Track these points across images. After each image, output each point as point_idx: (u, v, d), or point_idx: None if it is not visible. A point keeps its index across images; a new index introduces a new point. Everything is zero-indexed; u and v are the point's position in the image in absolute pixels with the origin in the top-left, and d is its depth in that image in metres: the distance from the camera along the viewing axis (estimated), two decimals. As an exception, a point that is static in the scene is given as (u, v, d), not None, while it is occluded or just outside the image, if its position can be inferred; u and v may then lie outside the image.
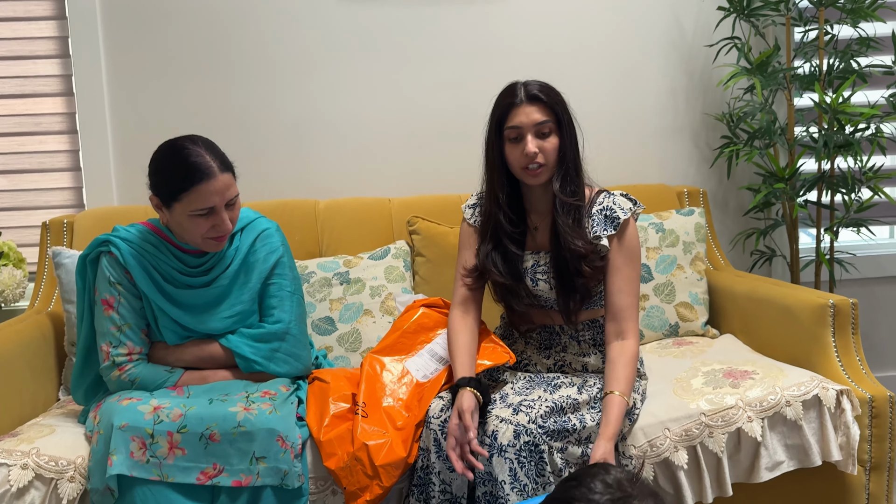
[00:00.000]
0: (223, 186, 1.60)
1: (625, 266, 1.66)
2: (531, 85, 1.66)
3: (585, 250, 1.63)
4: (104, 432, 1.50)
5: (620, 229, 1.67)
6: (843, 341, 1.89)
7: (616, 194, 1.72)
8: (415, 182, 2.53)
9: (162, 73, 2.42)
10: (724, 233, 2.71)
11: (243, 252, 1.76)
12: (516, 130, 1.64)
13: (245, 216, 1.82)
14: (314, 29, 2.47)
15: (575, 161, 1.68)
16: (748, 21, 2.46)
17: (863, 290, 2.82)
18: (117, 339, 1.65)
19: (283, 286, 1.78)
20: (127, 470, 1.46)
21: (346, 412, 1.67)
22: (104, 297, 1.67)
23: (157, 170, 1.64)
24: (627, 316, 1.64)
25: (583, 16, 2.57)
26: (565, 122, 1.66)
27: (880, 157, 2.64)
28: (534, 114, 1.63)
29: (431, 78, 2.53)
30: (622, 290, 1.65)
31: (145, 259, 1.68)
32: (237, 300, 1.74)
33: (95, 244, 1.69)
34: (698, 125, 2.66)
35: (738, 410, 1.68)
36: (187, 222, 1.62)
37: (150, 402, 1.56)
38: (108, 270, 1.66)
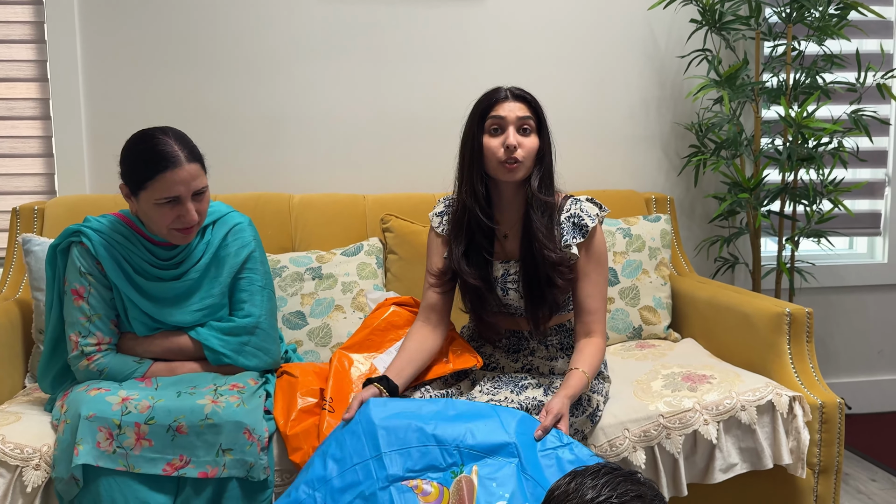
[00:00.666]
0: (188, 176, 1.61)
1: (593, 272, 1.70)
2: (515, 87, 1.69)
3: (557, 258, 1.65)
4: (71, 421, 1.51)
5: (589, 236, 1.70)
6: (798, 349, 1.96)
7: (582, 200, 1.74)
8: (389, 180, 2.56)
9: (138, 64, 2.42)
10: (689, 239, 2.78)
11: (214, 246, 1.77)
12: (499, 121, 1.65)
13: (217, 210, 1.82)
14: (291, 25, 2.47)
15: (550, 166, 1.71)
16: (719, 34, 2.53)
17: (821, 298, 2.91)
18: (87, 329, 1.66)
19: (253, 280, 1.80)
20: (93, 460, 1.47)
21: (313, 406, 1.70)
22: (74, 287, 1.67)
23: (126, 158, 1.66)
24: (596, 319, 1.69)
25: (558, 22, 2.62)
26: (545, 125, 1.69)
27: (841, 171, 2.72)
28: (518, 110, 1.65)
29: (407, 78, 2.55)
30: (591, 296, 1.69)
31: (116, 250, 1.68)
32: (207, 294, 1.75)
33: (66, 234, 1.69)
34: (668, 134, 2.73)
35: (695, 413, 1.74)
36: (153, 211, 1.63)
37: (118, 392, 1.57)
38: (78, 261, 1.67)
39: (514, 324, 1.78)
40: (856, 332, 2.98)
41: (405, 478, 1.25)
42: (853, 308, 2.96)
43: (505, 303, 1.73)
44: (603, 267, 1.72)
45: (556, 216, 1.70)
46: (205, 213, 1.70)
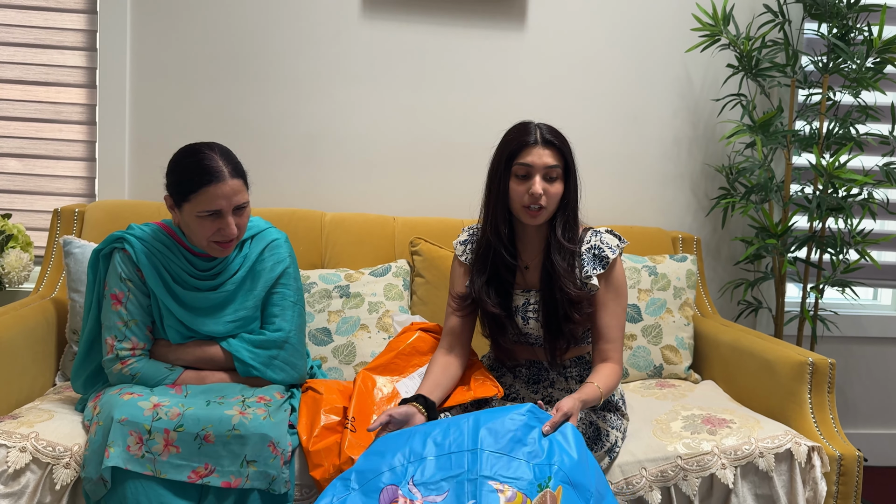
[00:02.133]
0: (231, 191, 1.66)
1: (612, 302, 1.73)
2: (545, 129, 1.70)
3: (577, 295, 1.68)
4: (104, 423, 1.55)
5: (609, 267, 1.74)
6: (819, 399, 1.96)
7: (602, 231, 1.78)
8: (419, 203, 2.60)
9: (184, 77, 2.48)
10: (714, 280, 2.79)
11: (251, 260, 1.82)
12: (526, 168, 1.67)
13: (256, 225, 1.88)
14: (335, 46, 2.54)
15: (574, 210, 1.74)
16: (755, 80, 2.55)
17: (842, 347, 2.91)
18: (122, 334, 1.71)
19: (286, 296, 1.84)
20: (123, 463, 1.50)
21: (335, 424, 1.72)
22: (114, 292, 1.72)
23: (172, 170, 1.71)
24: (613, 348, 1.72)
25: (597, 58, 2.66)
26: (572, 170, 1.71)
27: (869, 222, 2.73)
28: (546, 157, 1.67)
29: (444, 103, 2.60)
30: (609, 326, 1.72)
31: (157, 258, 1.74)
32: (241, 306, 1.80)
33: (110, 240, 1.75)
34: (698, 174, 2.75)
35: (713, 457, 1.75)
36: (194, 223, 1.68)
37: (150, 398, 1.61)
38: (120, 266, 1.72)
39: (532, 353, 1.80)
40: (875, 383, 2.96)
41: (493, 479, 1.30)
42: (874, 359, 2.95)
43: (524, 332, 1.76)
44: (622, 297, 1.75)
45: (577, 252, 1.73)
46: (244, 228, 1.75)
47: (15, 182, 2.51)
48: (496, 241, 1.72)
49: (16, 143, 2.49)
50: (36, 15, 2.46)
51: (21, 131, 2.49)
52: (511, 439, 1.40)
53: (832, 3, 2.44)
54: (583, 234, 1.76)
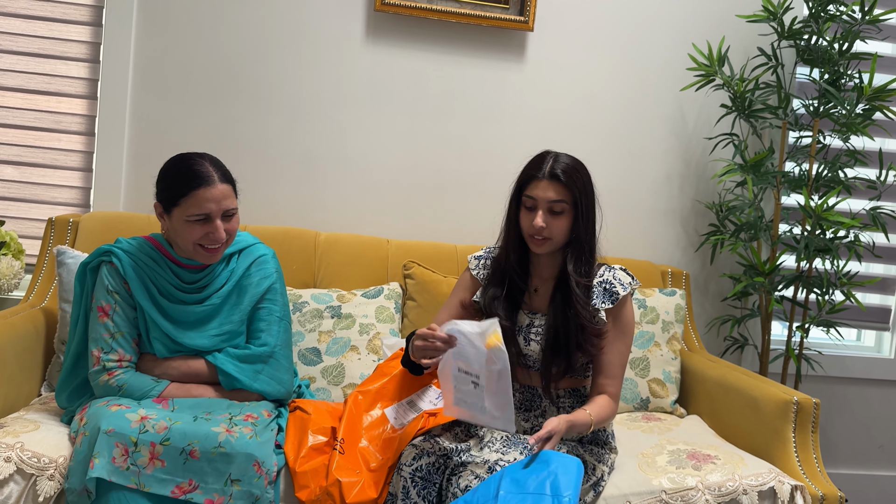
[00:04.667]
0: (220, 195, 1.70)
1: (617, 339, 1.75)
2: (559, 162, 1.72)
3: (587, 320, 1.70)
4: (90, 434, 1.54)
5: (618, 304, 1.76)
6: (803, 438, 1.98)
7: (616, 269, 1.81)
8: (414, 227, 2.62)
9: (185, 93, 2.50)
10: (701, 315, 2.82)
11: (238, 275, 1.83)
12: (532, 201, 1.71)
13: (243, 240, 1.89)
14: (336, 69, 2.57)
15: (590, 242, 1.76)
16: (747, 121, 2.60)
17: (826, 387, 2.93)
18: (109, 346, 1.71)
19: (272, 311, 1.85)
20: (107, 475, 1.50)
21: (323, 445, 1.72)
22: (101, 305, 1.73)
23: (163, 177, 1.75)
24: (612, 384, 1.74)
25: (593, 94, 2.70)
26: (582, 205, 1.72)
27: (855, 264, 2.77)
28: (549, 191, 1.69)
29: (442, 130, 2.63)
30: (611, 363, 1.74)
31: (143, 271, 1.75)
32: (227, 320, 1.81)
33: (98, 253, 1.77)
34: (689, 211, 2.79)
35: (697, 492, 1.76)
36: (183, 228, 1.70)
37: (137, 411, 1.60)
38: (107, 279, 1.73)
39: (527, 378, 1.80)
40: (858, 424, 2.99)
41: None
42: (857, 400, 2.98)
43: (524, 352, 1.77)
44: (628, 337, 1.77)
45: (590, 286, 1.76)
46: (233, 235, 1.77)
47: (10, 189, 2.51)
48: (508, 265, 1.78)
49: (13, 150, 2.50)
50: (41, 25, 2.48)
51: (20, 139, 2.49)
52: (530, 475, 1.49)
53: (825, 49, 2.50)
54: (597, 269, 1.79)
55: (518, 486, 1.46)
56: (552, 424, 1.56)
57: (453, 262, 2.44)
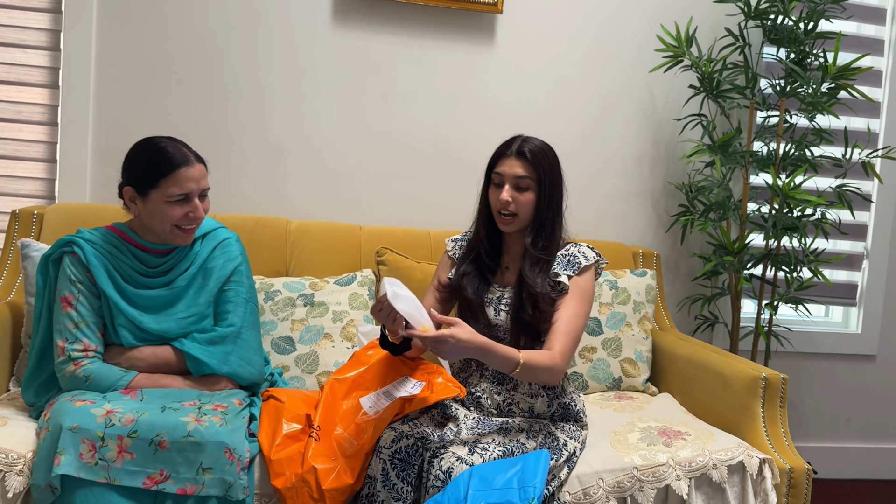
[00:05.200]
0: (199, 174, 1.74)
1: (571, 300, 1.79)
2: (527, 143, 1.81)
3: (541, 290, 1.77)
4: (52, 429, 1.53)
5: (579, 272, 1.82)
6: (771, 413, 2.02)
7: (583, 245, 1.89)
8: (386, 213, 2.61)
9: (150, 80, 2.46)
10: (672, 295, 2.85)
11: (202, 258, 1.85)
12: (500, 177, 1.82)
13: (207, 225, 1.90)
14: (306, 54, 2.54)
15: (553, 219, 1.83)
16: (715, 101, 2.62)
17: (794, 363, 2.99)
18: (73, 336, 1.70)
19: (238, 293, 1.87)
20: (74, 471, 1.48)
21: (298, 433, 1.72)
22: (63, 295, 1.72)
23: (135, 161, 1.74)
24: (558, 340, 1.74)
25: (564, 77, 2.71)
26: (547, 183, 1.80)
27: (823, 242, 2.82)
28: (516, 167, 1.79)
29: (413, 116, 2.62)
30: (561, 319, 1.77)
31: (107, 259, 1.75)
32: (193, 302, 1.81)
33: (59, 244, 1.76)
34: (659, 192, 2.81)
35: (668, 468, 1.79)
36: (162, 209, 1.71)
37: (103, 405, 1.59)
38: (69, 269, 1.72)
39: None
40: (826, 398, 3.05)
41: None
42: (825, 375, 3.04)
43: (494, 323, 1.83)
44: (583, 301, 1.80)
45: (552, 263, 1.82)
46: (205, 215, 1.79)
47: (-28, 182, 2.46)
48: (478, 243, 1.90)
49: (-26, 142, 2.45)
50: (-1, 13, 2.42)
51: (-20, 130, 2.44)
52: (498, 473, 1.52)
53: (790, 29, 2.52)
54: (563, 245, 1.87)
55: (486, 484, 1.50)
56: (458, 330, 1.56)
57: (427, 248, 2.44)
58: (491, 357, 1.63)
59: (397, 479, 1.60)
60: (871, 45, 2.92)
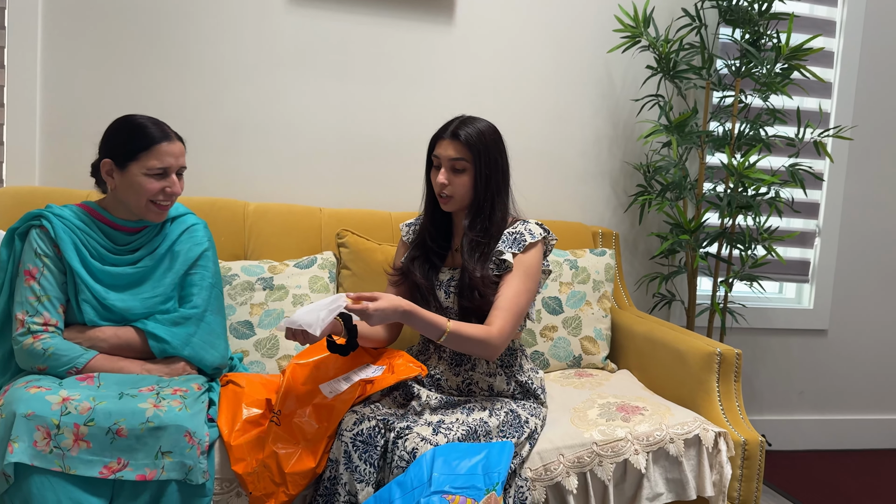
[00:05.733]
0: (178, 151, 1.77)
1: (515, 277, 1.80)
2: (463, 124, 1.81)
3: (480, 275, 1.77)
4: (6, 416, 1.49)
5: (524, 249, 1.82)
6: (726, 388, 2.06)
7: (531, 222, 1.88)
8: (347, 195, 2.59)
9: (100, 60, 2.39)
10: (631, 274, 2.89)
11: (170, 241, 1.85)
12: (437, 160, 1.84)
13: (175, 209, 1.90)
14: (260, 34, 2.49)
15: (492, 200, 1.83)
16: (672, 82, 2.65)
17: (749, 338, 3.06)
18: (34, 309, 1.69)
19: (204, 277, 1.87)
20: (28, 459, 1.45)
21: (258, 418, 1.71)
22: (27, 268, 1.71)
23: (115, 134, 1.77)
24: (498, 315, 1.74)
25: (522, 56, 2.70)
26: (482, 164, 1.80)
27: (776, 220, 2.88)
28: (450, 149, 1.80)
29: (373, 96, 2.60)
30: (503, 295, 1.77)
31: (75, 234, 1.75)
32: (159, 283, 1.81)
33: (27, 218, 1.76)
34: (618, 172, 2.84)
35: (626, 443, 1.82)
36: (139, 182, 1.72)
37: (59, 392, 1.56)
38: (35, 242, 1.72)
39: None
40: (780, 372, 3.14)
41: (446, 492, 1.47)
42: (779, 350, 3.12)
43: (445, 305, 1.85)
44: (527, 278, 1.81)
45: (493, 245, 1.82)
46: (181, 192, 1.81)
47: (-87, 165, 2.37)
48: (425, 225, 1.92)
49: (-86, 124, 2.35)
50: (-63, -11, 2.32)
51: (-80, 112, 2.35)
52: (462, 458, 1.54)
53: (745, 9, 2.56)
54: (511, 223, 1.87)
55: (450, 468, 1.51)
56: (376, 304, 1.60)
57: (388, 230, 2.43)
58: (415, 321, 1.66)
59: (359, 461, 1.61)
60: (823, 26, 2.97)
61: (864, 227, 3.13)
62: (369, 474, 1.59)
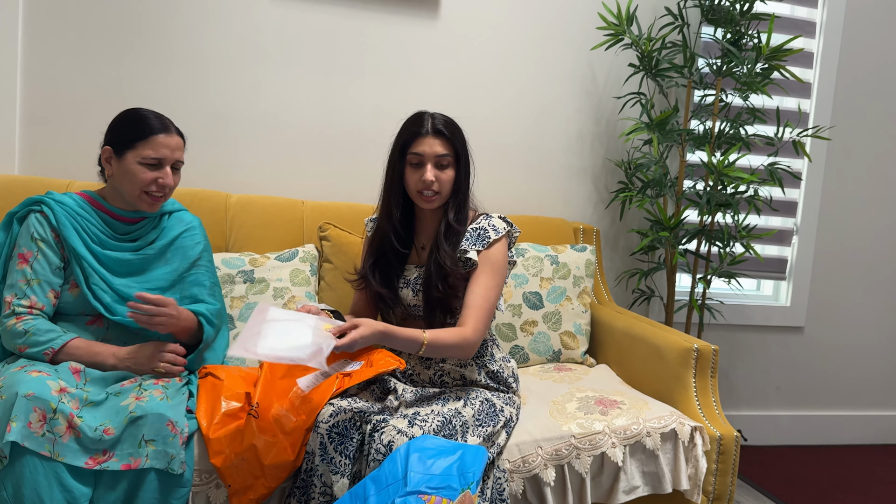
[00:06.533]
0: (176, 145, 1.80)
1: (483, 274, 1.81)
2: (438, 119, 1.81)
3: (450, 270, 1.78)
4: (6, 398, 1.50)
5: (488, 246, 1.83)
6: (703, 383, 2.09)
7: (494, 216, 1.88)
8: (329, 188, 2.59)
9: (82, 48, 2.37)
10: (611, 269, 2.92)
11: (168, 236, 1.89)
12: (418, 157, 1.80)
13: (171, 204, 1.95)
14: (245, 24, 2.48)
15: (466, 193, 1.86)
16: (654, 80, 2.67)
17: (727, 334, 3.10)
18: (23, 292, 1.72)
19: (208, 277, 1.93)
20: (21, 439, 1.46)
21: (237, 411, 1.70)
22: (21, 251, 1.75)
23: (118, 123, 1.80)
24: (470, 315, 1.76)
25: (506, 52, 2.71)
26: (463, 158, 1.83)
27: (755, 218, 2.92)
28: (437, 146, 1.79)
29: (354, 89, 2.60)
30: (473, 292, 1.79)
31: (76, 221, 1.79)
32: (157, 275, 1.85)
33: (27, 203, 1.80)
34: (599, 168, 2.86)
35: (604, 436, 1.84)
36: (134, 171, 1.75)
37: (57, 380, 1.58)
38: (33, 227, 1.76)
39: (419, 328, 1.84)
40: (757, 368, 3.18)
41: (421, 492, 1.48)
42: (756, 346, 3.16)
43: (413, 304, 1.85)
44: (494, 273, 1.82)
45: (462, 233, 1.83)
46: (174, 188, 1.83)
47: None
48: (387, 226, 1.86)
49: None
50: (-85, -26, 2.29)
51: None
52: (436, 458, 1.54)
53: (727, 9, 2.58)
54: (475, 217, 1.88)
55: (425, 466, 1.52)
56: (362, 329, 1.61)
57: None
58: (394, 341, 1.68)
59: (335, 453, 1.61)
60: (804, 27, 3.01)
61: (842, 226, 3.18)
62: (345, 466, 1.60)
